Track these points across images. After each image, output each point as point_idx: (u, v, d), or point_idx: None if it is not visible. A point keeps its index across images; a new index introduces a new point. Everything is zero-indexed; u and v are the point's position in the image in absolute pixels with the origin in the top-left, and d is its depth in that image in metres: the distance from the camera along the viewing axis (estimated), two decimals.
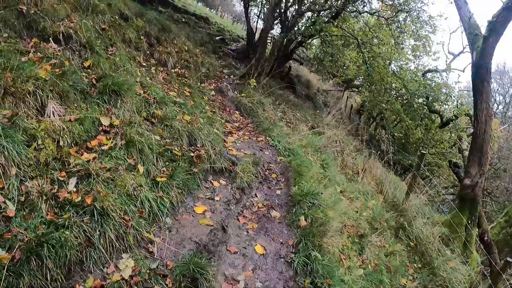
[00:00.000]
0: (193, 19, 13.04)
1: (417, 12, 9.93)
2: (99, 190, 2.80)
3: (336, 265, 3.65)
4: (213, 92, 7.27)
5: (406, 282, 4.37)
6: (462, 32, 12.49)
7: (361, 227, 4.59)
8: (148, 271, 2.70)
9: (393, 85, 11.15)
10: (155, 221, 3.16)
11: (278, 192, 4.62)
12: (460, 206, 5.66)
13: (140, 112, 4.15)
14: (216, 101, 7.01)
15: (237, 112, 7.13)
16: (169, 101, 4.83)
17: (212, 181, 4.20)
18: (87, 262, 2.51)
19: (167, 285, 2.69)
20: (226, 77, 8.84)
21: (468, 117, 11.45)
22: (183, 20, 11.75)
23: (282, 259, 3.50)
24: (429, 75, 12.64)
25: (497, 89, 24.26)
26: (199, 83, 7.09)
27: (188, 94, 6.05)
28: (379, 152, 7.70)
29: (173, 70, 6.69)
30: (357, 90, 14.23)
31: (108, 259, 2.62)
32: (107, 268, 2.58)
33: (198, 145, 4.41)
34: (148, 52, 6.38)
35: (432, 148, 11.52)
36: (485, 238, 5.66)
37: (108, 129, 3.50)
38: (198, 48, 8.86)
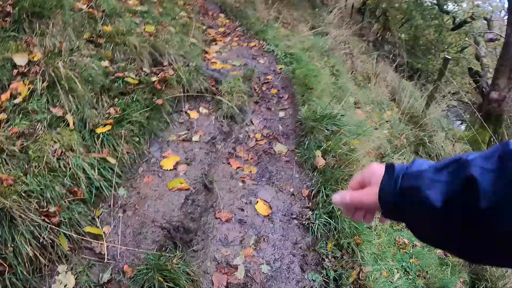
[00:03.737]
0: None
1: None
2: (1, 178, 1.71)
3: None
4: None
5: None
6: None
7: (382, 147, 3.79)
8: None
9: None
10: (100, 199, 2.10)
11: (282, 114, 3.48)
12: (483, 121, 4.96)
13: (81, 34, 2.90)
14: (195, 5, 5.68)
15: (222, 15, 5.85)
16: (125, 11, 3.50)
17: (188, 111, 3.04)
18: None
19: None
20: None
21: (486, 21, 10.04)
22: None
23: (296, 221, 2.49)
24: None
25: None
26: None
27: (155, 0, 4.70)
28: (386, 55, 6.61)
29: None
30: None
31: (38, 281, 1.68)
32: None
33: (164, 64, 3.20)
34: None
35: (443, 52, 10.35)
36: None
37: (26, 70, 2.27)
38: None
